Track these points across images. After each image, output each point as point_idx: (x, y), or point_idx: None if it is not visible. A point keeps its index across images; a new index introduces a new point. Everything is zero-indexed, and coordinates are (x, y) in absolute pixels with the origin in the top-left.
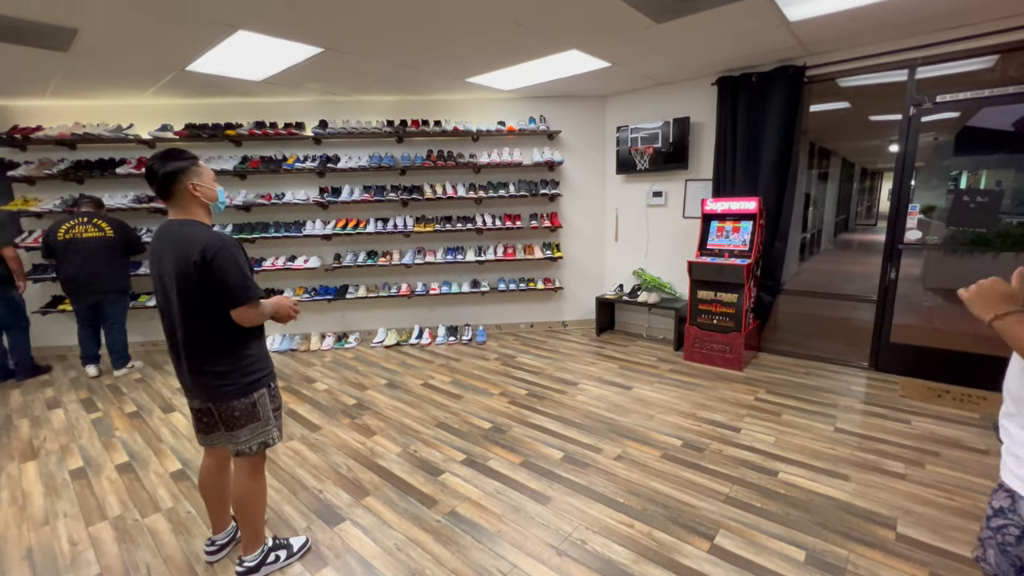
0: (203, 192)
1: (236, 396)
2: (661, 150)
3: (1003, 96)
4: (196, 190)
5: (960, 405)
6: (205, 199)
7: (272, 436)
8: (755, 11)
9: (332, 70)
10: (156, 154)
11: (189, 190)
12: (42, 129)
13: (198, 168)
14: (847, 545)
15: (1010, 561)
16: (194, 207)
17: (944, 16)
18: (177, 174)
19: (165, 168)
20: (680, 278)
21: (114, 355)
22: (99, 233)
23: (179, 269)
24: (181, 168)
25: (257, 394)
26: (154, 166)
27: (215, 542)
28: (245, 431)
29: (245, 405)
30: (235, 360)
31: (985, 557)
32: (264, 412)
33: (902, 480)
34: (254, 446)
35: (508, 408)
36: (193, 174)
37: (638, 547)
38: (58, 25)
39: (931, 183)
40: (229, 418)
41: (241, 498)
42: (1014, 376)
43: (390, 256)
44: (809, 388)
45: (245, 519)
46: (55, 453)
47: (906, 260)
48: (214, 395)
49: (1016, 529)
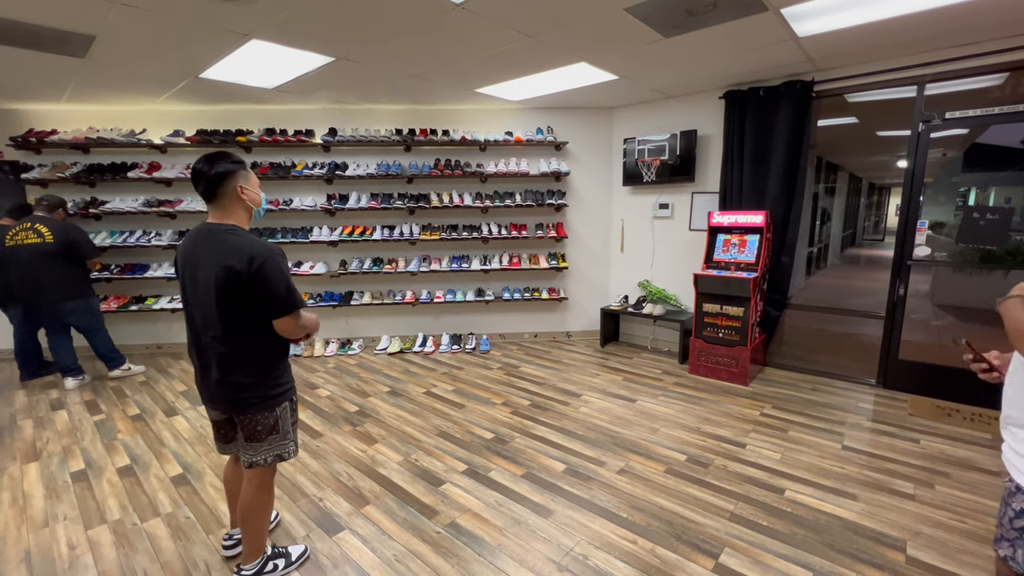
0: (249, 196)
1: (260, 409)
2: (668, 162)
3: (1012, 114)
4: (243, 193)
5: (971, 425)
6: (250, 203)
7: (288, 450)
8: (764, 26)
9: (343, 79)
10: (203, 156)
11: (237, 193)
12: (57, 133)
13: (246, 172)
14: (855, 567)
15: None
16: (238, 211)
17: (954, 34)
18: (227, 176)
19: (216, 169)
20: (686, 291)
21: (103, 360)
22: (38, 239)
23: (221, 276)
24: (231, 171)
25: (280, 408)
26: (202, 168)
27: (232, 536)
28: (264, 444)
29: (268, 420)
30: (264, 372)
31: (1015, 557)
32: (284, 426)
33: (912, 501)
34: (269, 458)
35: (511, 418)
36: (241, 177)
37: (641, 564)
38: (77, 32)
39: (939, 199)
40: (251, 432)
41: (248, 508)
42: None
43: (396, 263)
44: (816, 404)
45: (249, 529)
46: (57, 455)
47: (915, 276)
48: (238, 406)
49: None
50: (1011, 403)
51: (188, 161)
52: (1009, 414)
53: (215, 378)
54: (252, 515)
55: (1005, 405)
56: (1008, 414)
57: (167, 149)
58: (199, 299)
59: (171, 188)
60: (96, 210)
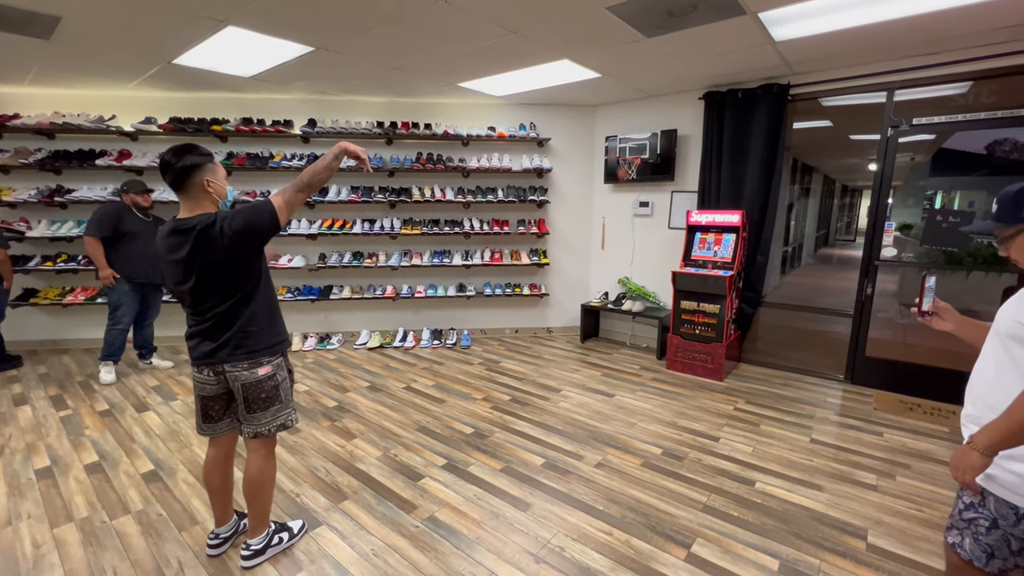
0: (215, 189)
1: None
2: (648, 161)
3: (975, 121)
4: (209, 186)
5: (931, 419)
6: (216, 196)
7: (291, 418)
8: (743, 30)
9: (322, 69)
10: (172, 147)
11: (203, 186)
12: (20, 117)
13: (213, 165)
14: (819, 555)
15: (981, 548)
16: (205, 203)
17: (921, 43)
18: (193, 169)
19: (182, 162)
20: (664, 288)
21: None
22: None
23: (200, 244)
24: (197, 164)
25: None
26: (170, 159)
27: (218, 535)
28: (268, 413)
29: (270, 384)
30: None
31: (963, 544)
32: (286, 394)
33: (874, 491)
34: (273, 428)
35: (491, 413)
36: (208, 171)
37: (616, 555)
38: (41, 12)
39: (908, 202)
40: (255, 399)
41: (254, 480)
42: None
43: (376, 258)
44: (787, 399)
45: (255, 502)
46: (20, 452)
47: (883, 276)
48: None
49: (986, 522)
50: (975, 401)
51: (160, 149)
52: (971, 412)
53: (220, 340)
54: (258, 487)
55: (969, 403)
56: (969, 412)
57: (138, 137)
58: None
59: (143, 177)
60: (62, 198)
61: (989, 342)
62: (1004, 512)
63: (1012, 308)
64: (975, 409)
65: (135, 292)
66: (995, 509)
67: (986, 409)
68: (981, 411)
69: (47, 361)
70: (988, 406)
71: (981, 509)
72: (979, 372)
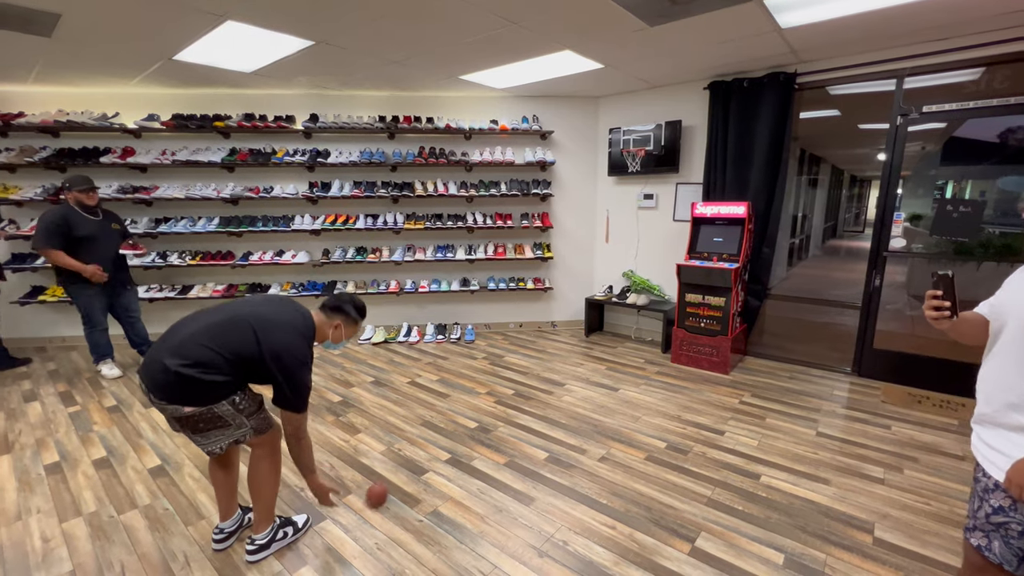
0: (334, 336)
1: (191, 404)
2: (653, 153)
3: (987, 108)
4: (336, 329)
5: (939, 411)
6: (333, 340)
7: (245, 435)
8: (747, 17)
9: (323, 64)
10: (357, 300)
11: (334, 325)
12: (24, 115)
13: (356, 326)
14: (825, 548)
15: (1013, 552)
16: (325, 330)
17: (932, 28)
18: (340, 311)
19: (344, 305)
20: (669, 281)
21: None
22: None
23: (251, 340)
24: (347, 313)
25: (217, 407)
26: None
27: (223, 530)
28: (213, 434)
29: (207, 416)
30: (211, 380)
31: (991, 547)
32: (229, 419)
33: (881, 485)
34: (225, 445)
35: (494, 408)
36: (349, 323)
37: (619, 548)
38: (41, 10)
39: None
40: (192, 428)
41: (257, 475)
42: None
43: (379, 253)
44: (793, 392)
45: (259, 496)
46: (30, 447)
47: (891, 267)
48: (170, 396)
49: (1018, 526)
50: (990, 401)
51: (163, 146)
52: (985, 411)
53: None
54: (256, 484)
55: (983, 402)
56: (984, 411)
57: (141, 134)
58: (231, 321)
59: (146, 174)
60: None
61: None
62: None
63: None
64: (990, 408)
65: (102, 295)
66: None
67: (1007, 408)
68: (999, 411)
69: (56, 358)
70: (1010, 405)
71: (1013, 514)
72: (996, 369)
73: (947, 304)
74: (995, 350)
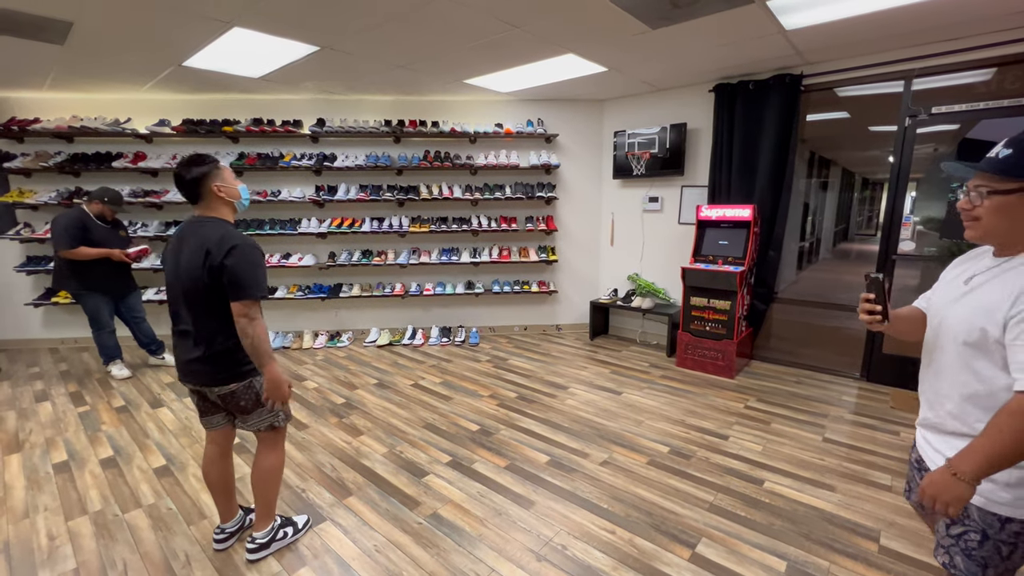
0: (227, 192)
1: (231, 382)
2: (658, 156)
3: (999, 108)
4: (220, 191)
5: None
6: (229, 198)
7: (278, 419)
8: (751, 19)
9: (329, 69)
10: (181, 161)
11: (214, 191)
12: (39, 121)
13: (219, 170)
14: (829, 556)
15: (976, 563)
16: (220, 206)
17: (939, 28)
18: (202, 178)
19: (190, 174)
20: (674, 284)
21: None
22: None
23: (199, 258)
24: (205, 172)
25: (256, 381)
26: (181, 173)
27: (224, 530)
28: (252, 416)
29: (248, 394)
30: (233, 350)
31: (954, 563)
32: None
33: (888, 492)
34: (262, 427)
35: (497, 411)
36: (216, 176)
37: (618, 554)
38: (54, 18)
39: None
40: (236, 407)
41: (261, 470)
42: (946, 391)
43: (385, 256)
44: (800, 397)
45: (262, 493)
46: (40, 446)
47: (903, 271)
48: (210, 381)
49: (976, 534)
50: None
51: (174, 151)
52: (929, 417)
53: (191, 355)
54: (260, 480)
55: (926, 406)
56: (928, 417)
57: (152, 139)
58: (180, 280)
59: (157, 178)
60: (80, 200)
61: (944, 344)
62: (989, 521)
63: (969, 311)
64: (934, 415)
65: (107, 298)
66: (980, 519)
67: (949, 418)
68: (942, 418)
69: (68, 359)
70: (951, 414)
71: (968, 522)
72: (937, 374)
73: (878, 308)
74: (933, 359)
